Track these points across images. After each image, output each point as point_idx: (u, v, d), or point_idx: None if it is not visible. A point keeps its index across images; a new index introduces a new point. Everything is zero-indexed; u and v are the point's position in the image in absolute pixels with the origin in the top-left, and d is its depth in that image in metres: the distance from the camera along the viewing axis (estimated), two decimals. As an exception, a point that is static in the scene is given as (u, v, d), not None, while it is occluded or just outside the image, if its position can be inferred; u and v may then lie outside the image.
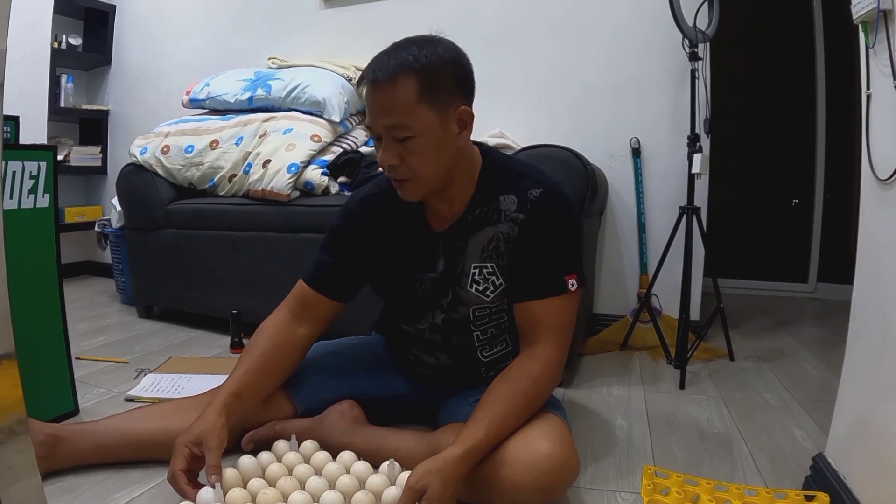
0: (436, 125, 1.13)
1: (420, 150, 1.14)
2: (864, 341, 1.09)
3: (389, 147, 1.15)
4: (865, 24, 1.04)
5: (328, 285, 1.36)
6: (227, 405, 1.19)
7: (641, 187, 2.44)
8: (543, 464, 1.08)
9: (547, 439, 1.11)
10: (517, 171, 1.28)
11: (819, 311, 3.10)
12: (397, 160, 1.15)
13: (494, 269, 1.26)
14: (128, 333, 2.46)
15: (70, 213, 3.45)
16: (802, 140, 3.49)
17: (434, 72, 1.12)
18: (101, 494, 1.18)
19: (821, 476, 1.17)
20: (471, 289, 1.28)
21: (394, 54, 1.13)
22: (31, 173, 1.42)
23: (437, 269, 1.31)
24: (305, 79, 2.52)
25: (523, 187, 1.24)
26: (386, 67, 1.11)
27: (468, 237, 1.27)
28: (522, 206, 1.23)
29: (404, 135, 1.12)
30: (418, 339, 1.39)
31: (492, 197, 1.26)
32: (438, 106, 1.13)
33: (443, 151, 1.17)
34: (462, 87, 1.18)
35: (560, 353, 1.21)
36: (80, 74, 3.72)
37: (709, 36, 2.10)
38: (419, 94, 1.10)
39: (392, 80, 1.10)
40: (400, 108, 1.11)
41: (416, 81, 1.10)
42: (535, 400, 1.17)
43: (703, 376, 1.98)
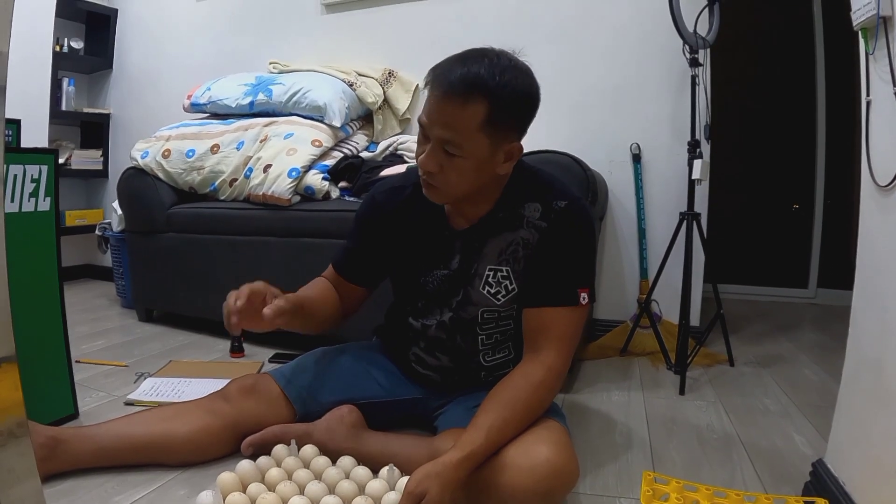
0: (486, 153, 1.15)
1: (462, 169, 1.15)
2: (864, 347, 1.09)
3: (434, 154, 1.15)
4: (865, 30, 1.05)
5: (351, 271, 1.44)
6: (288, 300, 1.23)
7: (642, 193, 2.44)
8: (543, 469, 1.08)
9: (547, 444, 1.11)
10: (543, 181, 1.30)
11: (819, 316, 3.09)
12: (437, 168, 1.16)
13: (509, 273, 1.28)
14: (128, 337, 2.46)
15: (71, 217, 3.45)
16: (803, 146, 3.50)
17: (505, 104, 1.12)
18: (100, 498, 1.18)
19: (820, 482, 1.17)
20: (483, 290, 1.29)
21: (473, 66, 1.11)
22: (32, 177, 1.42)
23: (450, 267, 1.32)
24: (306, 84, 2.53)
25: (549, 197, 1.26)
26: (462, 81, 1.09)
27: (486, 239, 1.29)
28: (546, 216, 1.25)
29: (454, 152, 1.13)
30: (423, 336, 1.40)
31: (516, 203, 1.27)
32: (496, 137, 1.14)
33: (481, 175, 1.19)
34: (524, 123, 1.21)
35: (563, 362, 1.22)
36: (82, 78, 3.73)
37: (709, 42, 2.11)
38: (483, 122, 1.10)
39: (464, 99, 1.09)
40: (460, 129, 1.11)
41: (485, 109, 1.09)
42: (535, 407, 1.17)
43: (703, 382, 1.98)
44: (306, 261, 2.08)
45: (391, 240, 1.39)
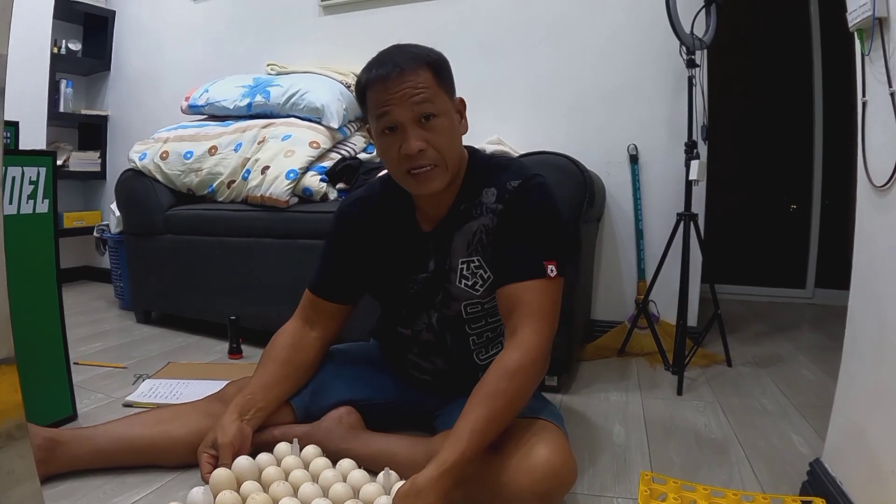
0: (450, 108, 1.23)
1: (443, 130, 1.20)
2: (861, 347, 1.10)
3: (414, 133, 1.18)
4: (861, 31, 1.05)
5: (330, 290, 1.41)
6: (239, 404, 1.29)
7: (639, 194, 2.44)
8: (542, 470, 1.08)
9: (545, 445, 1.11)
10: (500, 165, 1.32)
11: (817, 316, 3.10)
12: (425, 143, 1.18)
13: (481, 262, 1.28)
14: (126, 339, 2.46)
15: (69, 219, 3.45)
16: (800, 146, 3.51)
17: (440, 65, 1.22)
18: (99, 499, 1.18)
19: (818, 481, 1.17)
20: (460, 284, 1.29)
21: (403, 51, 1.21)
22: (30, 179, 1.42)
23: (428, 269, 1.32)
24: (304, 85, 2.53)
25: (503, 179, 1.27)
26: (405, 58, 1.18)
27: (453, 233, 1.29)
28: (501, 197, 1.26)
29: (431, 111, 1.18)
30: (414, 341, 1.40)
31: (475, 192, 1.29)
32: (448, 93, 1.23)
33: (456, 136, 1.25)
34: (453, 81, 1.27)
35: (540, 338, 1.16)
36: (80, 79, 3.73)
37: (706, 43, 2.11)
38: (436, 79, 1.19)
39: (415, 67, 1.17)
40: (426, 88, 1.17)
41: (430, 70, 1.19)
42: (516, 397, 1.12)
43: (700, 382, 1.99)
44: (304, 262, 2.08)
45: (367, 252, 1.38)
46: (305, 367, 1.40)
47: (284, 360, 1.37)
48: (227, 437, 1.21)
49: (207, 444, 1.23)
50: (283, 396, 1.37)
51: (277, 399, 1.35)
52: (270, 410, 1.33)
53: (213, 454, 1.21)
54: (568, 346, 1.85)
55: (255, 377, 1.35)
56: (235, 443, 1.22)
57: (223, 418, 1.26)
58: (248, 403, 1.30)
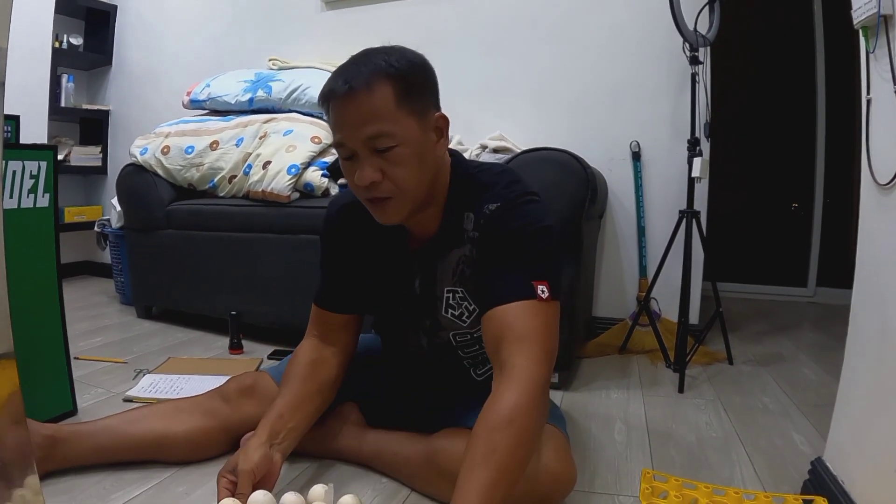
0: (417, 133, 1.06)
1: (403, 160, 1.05)
2: (864, 346, 1.09)
3: (368, 162, 1.04)
4: (866, 29, 1.04)
5: (334, 302, 1.32)
6: (269, 427, 1.14)
7: (641, 191, 2.44)
8: (541, 475, 1.07)
9: (546, 449, 1.10)
10: (482, 184, 1.17)
11: (818, 315, 3.10)
12: (379, 175, 1.05)
13: (465, 294, 1.19)
14: (127, 334, 2.45)
15: (70, 213, 3.45)
16: (802, 144, 3.50)
17: (408, 77, 1.05)
18: (98, 495, 1.18)
19: (819, 480, 1.17)
20: (447, 314, 1.22)
21: (362, 63, 1.05)
22: (31, 173, 1.42)
23: (414, 293, 1.24)
24: (306, 80, 2.53)
25: (482, 202, 1.14)
26: (359, 75, 1.02)
27: (437, 260, 1.20)
28: (477, 223, 1.14)
29: (386, 144, 1.03)
30: (410, 356, 1.37)
31: (458, 215, 1.17)
32: (417, 112, 1.05)
33: (425, 161, 1.08)
34: (434, 93, 1.12)
35: (539, 366, 1.00)
36: (81, 74, 3.72)
37: (709, 40, 2.10)
38: (398, 99, 1.02)
39: (368, 86, 1.01)
40: (380, 115, 1.02)
41: (392, 87, 1.02)
42: (519, 446, 0.94)
43: (702, 380, 1.98)
44: (305, 257, 2.08)
45: (357, 262, 1.29)
46: (330, 383, 1.28)
47: (306, 376, 1.25)
48: (249, 464, 1.07)
49: (228, 469, 1.09)
50: (313, 414, 1.24)
51: (307, 418, 1.22)
52: (302, 431, 1.21)
53: (232, 480, 1.07)
54: (569, 343, 1.84)
55: (280, 398, 1.21)
56: (258, 471, 1.07)
57: (250, 441, 1.12)
58: (277, 425, 1.16)
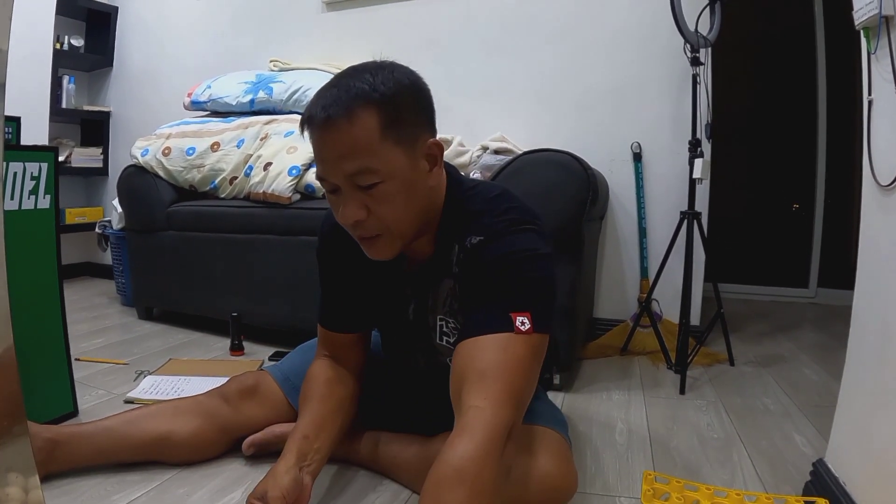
0: (404, 164, 0.96)
1: (390, 196, 0.96)
2: (865, 347, 1.09)
3: (352, 198, 0.96)
4: (867, 29, 1.04)
5: (338, 321, 1.26)
6: (295, 449, 1.07)
7: (642, 192, 2.44)
8: (542, 483, 1.06)
9: (546, 457, 1.09)
10: (471, 212, 1.07)
11: (820, 316, 3.09)
12: (364, 213, 0.97)
13: (456, 324, 1.14)
14: (128, 335, 2.45)
15: (71, 215, 3.45)
16: (804, 145, 3.50)
17: (396, 102, 0.94)
18: (99, 496, 1.18)
19: (821, 482, 1.16)
20: (441, 341, 1.18)
21: (343, 86, 0.94)
22: (32, 174, 1.42)
23: (408, 317, 1.21)
24: (307, 82, 2.53)
25: (467, 234, 1.05)
26: (338, 101, 0.92)
27: (429, 289, 1.15)
28: (460, 259, 1.07)
29: (370, 181, 0.94)
30: (409, 373, 1.35)
31: (447, 245, 1.10)
32: (405, 141, 0.96)
33: (415, 195, 0.99)
34: (427, 116, 1.02)
35: (500, 408, 0.89)
36: (82, 75, 3.73)
37: (710, 41, 2.10)
38: (382, 129, 0.93)
39: (348, 115, 0.91)
40: (362, 148, 0.92)
41: (376, 114, 0.92)
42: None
43: (703, 381, 1.98)
44: (306, 259, 2.07)
45: (353, 280, 1.23)
46: (349, 400, 1.24)
47: (325, 395, 1.19)
48: (280, 490, 0.99)
49: (257, 495, 1.00)
50: (337, 434, 1.18)
51: (332, 438, 1.16)
52: (328, 452, 1.14)
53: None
54: (570, 344, 1.85)
55: (302, 419, 1.15)
56: (289, 497, 1.00)
57: (277, 465, 1.05)
58: (304, 446, 1.09)
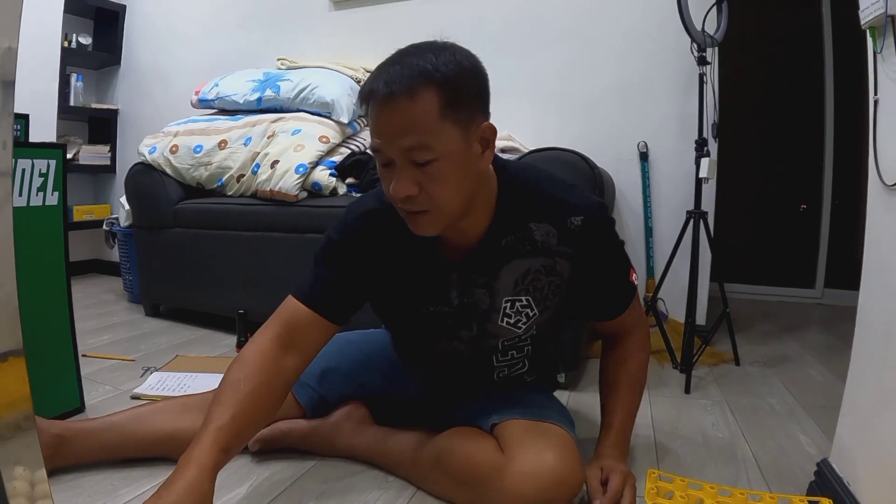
0: (460, 145, 0.98)
1: (443, 175, 0.98)
2: (870, 347, 1.09)
3: (406, 174, 0.97)
4: (873, 29, 1.04)
5: (326, 303, 1.17)
6: (215, 465, 0.95)
7: (649, 191, 2.44)
8: (548, 477, 1.06)
9: (553, 451, 1.09)
10: (546, 195, 1.13)
11: (826, 316, 3.08)
12: (416, 189, 0.98)
13: (530, 301, 1.17)
14: (134, 332, 2.47)
15: (78, 212, 3.47)
16: (811, 145, 3.49)
17: (456, 83, 0.96)
18: (105, 491, 1.19)
19: (825, 482, 1.16)
20: (502, 322, 1.19)
21: (406, 64, 0.95)
22: (40, 171, 1.43)
23: (450, 304, 1.18)
24: (314, 80, 2.53)
25: (561, 215, 1.12)
26: (401, 78, 0.93)
27: (497, 271, 1.14)
28: (566, 239, 1.12)
29: (425, 158, 0.96)
30: (432, 360, 1.32)
31: (518, 224, 1.13)
32: (462, 123, 0.97)
33: (466, 175, 1.01)
34: (483, 100, 1.04)
35: (647, 328, 1.35)
36: (90, 74, 3.75)
37: (717, 40, 2.10)
38: (442, 109, 0.94)
39: (410, 92, 0.93)
40: (421, 125, 0.94)
41: (437, 94, 0.94)
42: (644, 382, 1.35)
43: (708, 381, 1.98)
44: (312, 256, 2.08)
45: (374, 272, 1.19)
46: (274, 408, 1.11)
47: (255, 401, 1.05)
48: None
49: None
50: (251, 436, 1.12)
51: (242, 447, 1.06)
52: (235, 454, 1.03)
53: None
54: (576, 343, 1.85)
55: (224, 417, 1.00)
56: None
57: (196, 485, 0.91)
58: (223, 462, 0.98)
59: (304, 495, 1.21)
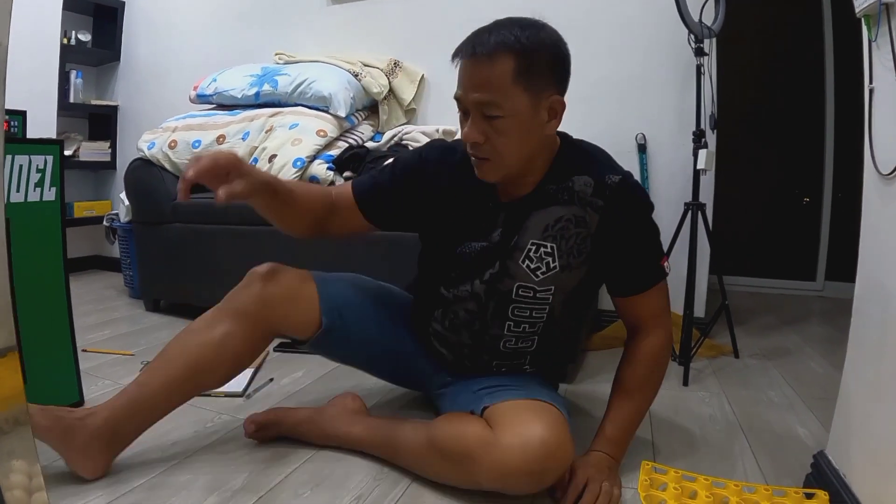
0: (527, 109, 1.13)
1: (507, 131, 1.13)
2: (865, 339, 1.09)
3: (476, 123, 1.14)
4: (868, 17, 1.03)
5: (370, 202, 1.36)
6: (269, 178, 1.25)
7: (647, 183, 2.43)
8: (536, 450, 1.07)
9: (540, 423, 1.11)
10: (592, 155, 1.29)
11: (826, 309, 3.08)
12: (482, 138, 1.14)
13: (554, 250, 1.23)
14: (135, 326, 2.47)
15: (79, 208, 3.47)
16: (811, 136, 3.47)
17: (533, 55, 1.12)
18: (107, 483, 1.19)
19: (821, 474, 1.16)
20: (522, 264, 1.25)
21: (496, 31, 1.14)
22: (37, 167, 1.43)
23: (490, 240, 1.27)
24: (312, 74, 2.53)
25: (600, 171, 1.23)
26: (486, 43, 1.12)
27: (531, 212, 1.24)
28: (600, 191, 1.21)
29: (494, 113, 1.12)
30: (451, 306, 1.34)
31: (564, 176, 1.24)
32: (532, 90, 1.12)
33: (529, 137, 1.16)
34: (557, 75, 1.18)
35: (669, 322, 1.33)
36: (90, 70, 3.74)
37: (715, 31, 2.09)
38: (515, 74, 1.10)
39: (490, 56, 1.10)
40: (494, 85, 1.10)
41: (514, 61, 1.10)
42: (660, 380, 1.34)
43: (707, 373, 1.98)
44: (311, 250, 2.08)
45: (430, 202, 1.33)
46: (306, 206, 1.33)
47: (307, 194, 1.33)
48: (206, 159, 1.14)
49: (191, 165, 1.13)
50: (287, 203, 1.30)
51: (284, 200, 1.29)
52: (273, 193, 1.26)
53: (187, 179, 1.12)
54: (573, 336, 1.84)
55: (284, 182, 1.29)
56: (225, 165, 1.16)
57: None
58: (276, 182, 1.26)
59: (301, 486, 1.21)
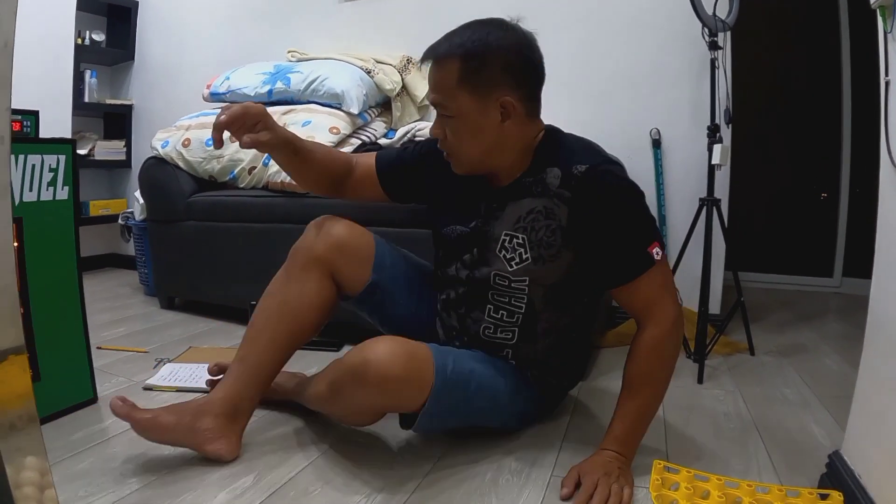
0: (473, 110, 1.20)
1: (457, 130, 1.23)
2: (882, 336, 1.07)
3: (438, 120, 1.26)
4: (883, 8, 1.01)
5: (387, 173, 1.50)
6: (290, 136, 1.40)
7: (661, 178, 2.41)
8: (400, 354, 1.16)
9: (392, 342, 1.18)
10: (570, 147, 1.29)
11: (843, 306, 3.04)
12: (441, 133, 1.25)
13: (525, 241, 1.27)
14: (149, 324, 2.49)
15: (95, 207, 3.50)
16: (828, 131, 3.42)
17: (479, 58, 1.17)
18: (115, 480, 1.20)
19: (836, 474, 1.14)
20: (499, 253, 1.30)
21: (450, 36, 1.22)
22: (50, 166, 1.44)
23: (469, 226, 1.34)
24: (324, 71, 2.53)
25: (568, 162, 1.24)
26: (437, 48, 1.21)
27: (507, 203, 1.30)
28: (567, 182, 1.23)
29: (446, 113, 1.22)
30: (445, 288, 1.43)
31: (540, 168, 1.27)
32: (478, 92, 1.19)
33: (481, 137, 1.23)
34: (511, 77, 1.21)
35: (672, 309, 1.28)
36: (104, 70, 3.77)
37: (729, 25, 2.06)
38: (460, 77, 1.18)
39: (438, 60, 1.20)
40: (441, 88, 1.21)
41: (458, 66, 1.18)
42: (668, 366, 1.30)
43: (722, 371, 1.96)
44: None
45: (437, 182, 1.42)
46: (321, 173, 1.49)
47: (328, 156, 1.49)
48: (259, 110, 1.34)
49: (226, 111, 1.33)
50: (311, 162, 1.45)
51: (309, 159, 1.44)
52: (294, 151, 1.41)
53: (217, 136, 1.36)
54: (586, 333, 1.83)
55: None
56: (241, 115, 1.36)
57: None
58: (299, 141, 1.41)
59: (309, 485, 1.21)
